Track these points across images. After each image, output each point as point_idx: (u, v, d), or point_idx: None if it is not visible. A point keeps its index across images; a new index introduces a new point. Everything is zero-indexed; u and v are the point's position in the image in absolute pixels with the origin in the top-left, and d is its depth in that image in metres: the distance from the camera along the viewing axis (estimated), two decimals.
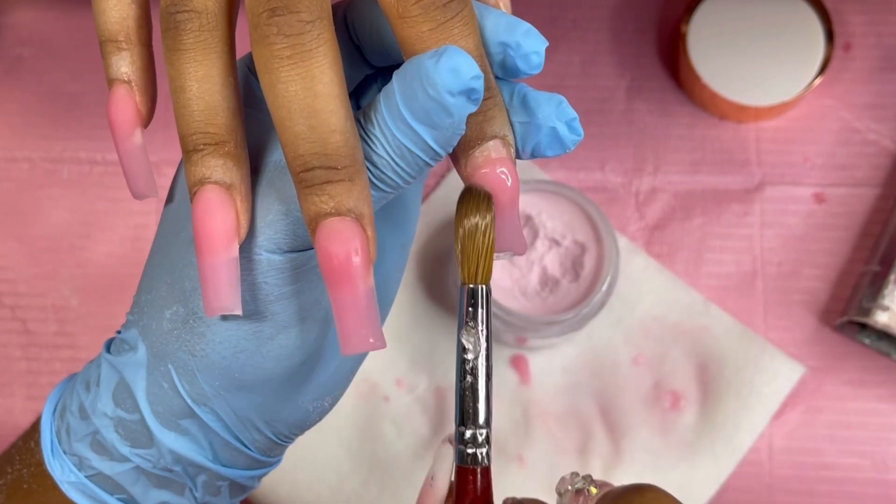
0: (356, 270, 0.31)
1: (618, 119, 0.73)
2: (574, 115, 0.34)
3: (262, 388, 0.36)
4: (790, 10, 0.71)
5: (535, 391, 0.69)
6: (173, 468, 0.37)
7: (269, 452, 0.39)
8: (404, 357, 0.69)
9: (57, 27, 0.76)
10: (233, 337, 0.34)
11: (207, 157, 0.33)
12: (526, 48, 0.33)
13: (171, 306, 0.35)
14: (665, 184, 0.72)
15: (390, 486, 0.67)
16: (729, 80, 0.70)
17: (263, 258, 0.33)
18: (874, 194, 0.71)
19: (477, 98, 0.31)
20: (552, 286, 0.65)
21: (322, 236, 0.31)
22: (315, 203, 0.31)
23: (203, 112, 0.32)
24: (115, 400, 0.37)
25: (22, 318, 0.72)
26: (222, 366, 0.35)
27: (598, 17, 0.75)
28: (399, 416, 0.68)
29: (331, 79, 0.31)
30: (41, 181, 0.73)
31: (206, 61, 0.32)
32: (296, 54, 0.30)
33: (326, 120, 0.31)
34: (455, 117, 0.31)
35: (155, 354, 0.36)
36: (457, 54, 0.30)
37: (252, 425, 0.37)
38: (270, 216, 0.33)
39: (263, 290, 0.34)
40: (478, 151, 0.33)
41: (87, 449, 0.37)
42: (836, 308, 0.70)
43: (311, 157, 0.31)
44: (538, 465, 0.67)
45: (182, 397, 0.36)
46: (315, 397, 0.38)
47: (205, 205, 0.32)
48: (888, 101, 0.73)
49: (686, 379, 0.68)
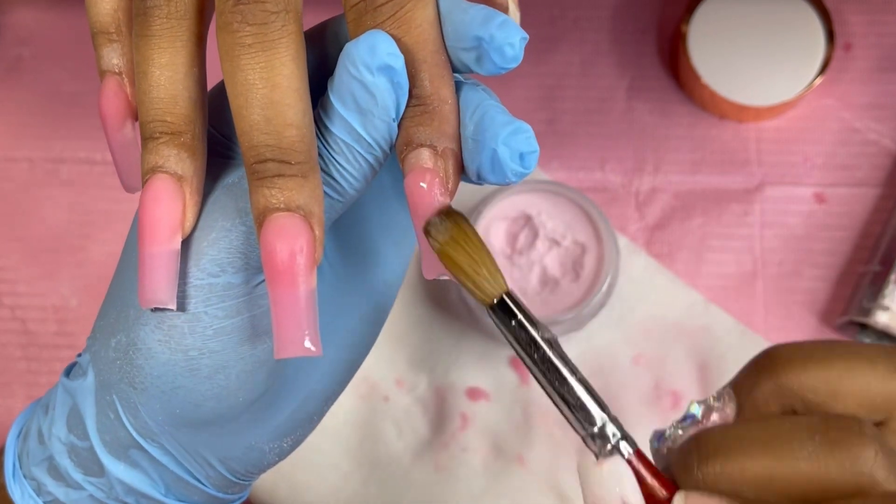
0: (299, 269, 0.30)
1: (618, 119, 0.73)
2: (531, 149, 0.32)
3: (208, 427, 0.35)
4: (790, 10, 0.71)
5: (535, 391, 0.69)
6: (125, 499, 0.36)
7: (227, 490, 0.37)
8: (404, 357, 0.69)
9: (57, 27, 0.76)
10: (169, 373, 0.33)
11: (162, 145, 0.32)
12: (500, 40, 0.31)
13: (117, 335, 0.34)
14: (665, 184, 0.72)
15: (390, 486, 0.67)
16: (729, 80, 0.70)
17: (206, 283, 0.32)
18: (874, 194, 0.71)
19: (398, 82, 0.31)
20: (552, 286, 0.65)
21: (268, 230, 0.30)
22: (265, 195, 0.30)
23: (162, 100, 0.32)
24: (69, 425, 0.36)
25: (22, 318, 0.72)
26: (162, 400, 0.34)
27: (598, 17, 0.75)
28: (399, 416, 0.68)
29: (292, 72, 0.30)
30: (41, 181, 0.73)
31: (171, 49, 0.32)
32: (258, 43, 0.30)
33: (283, 113, 0.30)
34: (378, 100, 0.31)
35: (102, 383, 0.35)
36: (376, 34, 0.30)
37: (204, 461, 0.36)
38: (213, 234, 0.32)
39: (203, 321, 0.33)
40: (406, 156, 0.32)
41: (45, 474, 0.37)
42: (836, 308, 0.70)
43: (265, 149, 0.30)
44: (538, 465, 0.67)
45: (127, 430, 0.35)
46: (271, 439, 0.37)
47: (153, 193, 0.32)
48: (888, 101, 0.73)
49: (686, 379, 0.68)
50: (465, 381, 0.69)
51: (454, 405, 0.68)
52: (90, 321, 0.71)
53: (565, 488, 0.67)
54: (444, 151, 0.32)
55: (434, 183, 0.32)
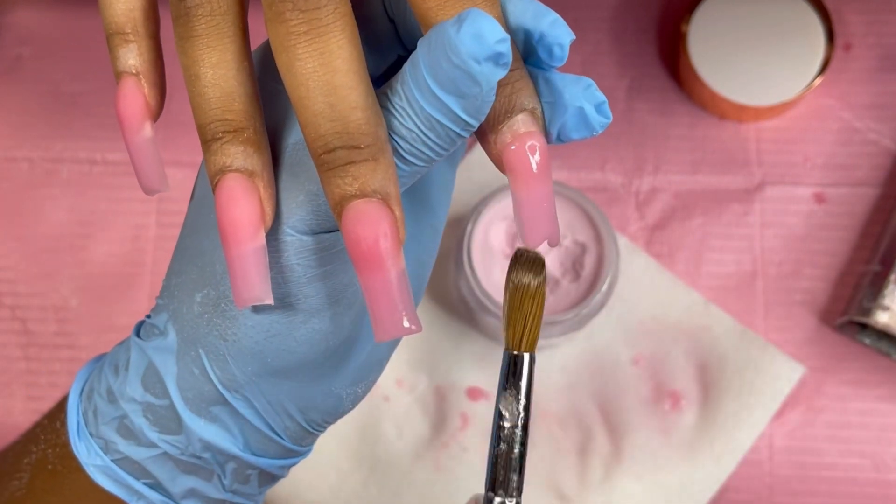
0: (386, 253, 0.30)
1: (618, 119, 0.73)
2: (603, 99, 0.32)
3: (296, 374, 0.35)
4: (790, 10, 0.71)
5: (535, 391, 0.69)
6: (202, 455, 0.36)
7: (301, 441, 0.38)
8: (404, 357, 0.69)
9: (57, 27, 0.76)
10: (265, 321, 0.34)
11: (227, 144, 0.32)
12: (550, 39, 0.32)
13: (202, 289, 0.34)
14: (665, 184, 0.72)
15: (390, 486, 0.67)
16: (729, 80, 0.70)
17: (294, 240, 0.32)
18: (874, 194, 0.71)
19: (506, 63, 0.29)
20: (552, 286, 0.65)
21: (348, 220, 0.30)
22: (339, 185, 0.30)
23: (220, 99, 0.32)
24: (145, 385, 0.36)
25: (22, 318, 0.72)
26: (255, 350, 0.34)
27: (598, 17, 0.75)
28: (399, 416, 0.68)
29: (350, 54, 0.30)
30: (41, 181, 0.73)
31: (220, 46, 0.32)
32: (312, 30, 0.29)
33: (346, 96, 0.30)
34: (483, 85, 0.29)
35: (185, 339, 0.35)
36: (480, 18, 0.28)
37: (285, 412, 0.36)
38: (301, 197, 0.32)
39: (295, 272, 0.33)
40: (506, 127, 0.32)
41: (114, 433, 0.37)
42: (836, 308, 0.70)
43: (333, 137, 0.30)
44: (538, 466, 0.67)
45: (213, 384, 0.35)
46: (348, 384, 0.37)
47: (228, 194, 0.32)
48: (888, 101, 0.73)
49: (686, 379, 0.68)
50: (465, 380, 0.69)
51: (454, 405, 0.68)
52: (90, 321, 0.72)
53: (565, 488, 0.67)
54: (540, 114, 0.32)
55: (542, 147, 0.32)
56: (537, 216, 0.32)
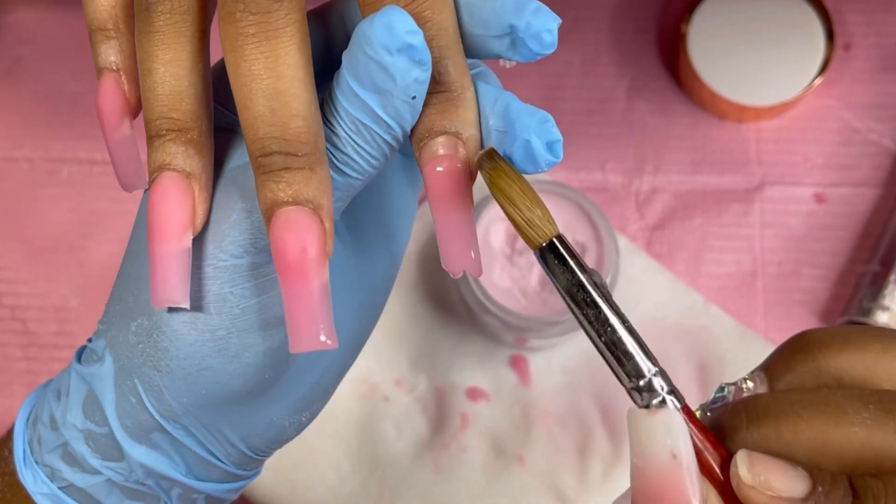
0: (310, 263, 0.30)
1: (618, 119, 0.73)
2: (557, 138, 0.32)
3: (233, 406, 0.35)
4: (790, 10, 0.71)
5: (536, 391, 0.69)
6: (146, 482, 0.36)
7: (246, 466, 0.37)
8: (404, 357, 0.69)
9: (57, 27, 0.76)
10: (197, 353, 0.33)
11: (169, 143, 0.32)
12: (537, 27, 0.31)
13: (137, 318, 0.34)
14: (665, 184, 0.72)
15: (390, 486, 0.67)
16: (729, 80, 0.70)
17: (229, 264, 0.32)
18: (875, 194, 0.71)
19: (421, 60, 0.29)
20: (552, 286, 0.65)
21: (277, 225, 0.30)
22: (272, 190, 0.30)
23: (168, 97, 0.32)
24: (85, 412, 0.35)
25: (22, 318, 0.72)
26: (188, 382, 0.33)
27: (598, 17, 0.75)
28: (399, 417, 0.68)
29: (296, 61, 0.30)
30: (41, 181, 0.73)
31: (175, 45, 0.32)
32: (261, 33, 0.29)
33: (288, 102, 0.29)
34: (398, 80, 0.30)
35: (122, 368, 0.34)
36: (393, 11, 0.29)
37: (225, 440, 0.36)
38: (234, 216, 0.32)
39: (228, 302, 0.32)
40: (426, 145, 0.32)
41: (59, 461, 0.36)
42: (836, 308, 0.70)
43: (271, 141, 0.30)
44: (538, 465, 0.67)
45: (150, 413, 0.34)
46: (291, 413, 0.37)
47: (161, 191, 0.32)
48: (889, 101, 0.73)
49: (686, 379, 0.68)
50: (464, 381, 0.69)
51: (454, 405, 0.68)
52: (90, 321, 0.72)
53: (565, 488, 0.67)
54: (469, 139, 0.32)
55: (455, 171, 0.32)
56: (450, 242, 0.32)
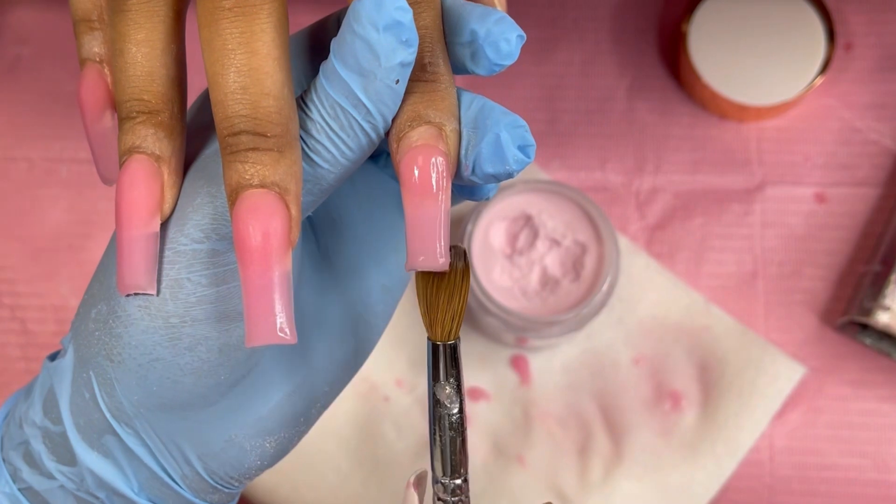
0: (272, 250, 0.29)
1: (618, 119, 0.73)
2: (530, 143, 0.31)
3: (186, 410, 0.33)
4: (791, 10, 0.71)
5: (536, 391, 0.68)
6: (97, 494, 0.34)
7: (205, 496, 0.35)
8: (404, 357, 0.69)
9: (57, 27, 0.76)
10: (148, 341, 0.32)
11: (139, 125, 0.31)
12: (495, 35, 0.31)
13: (98, 304, 0.33)
14: (666, 183, 0.72)
15: (390, 487, 0.67)
16: (729, 80, 0.70)
17: (189, 249, 0.31)
18: (875, 194, 0.71)
19: (408, 40, 0.29)
20: (552, 286, 0.65)
21: (240, 208, 0.29)
22: (238, 171, 0.29)
23: (139, 77, 0.31)
24: (45, 409, 0.35)
25: (21, 318, 0.72)
26: (139, 375, 0.32)
27: (598, 17, 0.75)
28: (399, 417, 0.68)
29: (272, 39, 0.29)
30: (40, 181, 0.73)
31: (148, 25, 0.31)
32: (238, 7, 0.29)
33: (261, 80, 0.29)
34: (382, 60, 0.29)
35: (80, 359, 0.33)
36: None
37: (180, 455, 0.34)
38: (198, 199, 0.31)
39: (184, 289, 0.31)
40: (411, 133, 0.31)
41: (20, 460, 0.35)
42: (837, 308, 0.70)
43: (240, 120, 0.29)
44: (538, 466, 0.67)
45: (102, 411, 0.33)
46: (252, 434, 0.35)
47: (130, 175, 0.31)
48: (889, 101, 0.72)
49: (687, 379, 0.68)
50: (465, 381, 0.68)
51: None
52: None
53: (565, 488, 0.67)
54: (452, 133, 0.31)
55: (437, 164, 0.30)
56: (419, 237, 0.31)
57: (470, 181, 0.32)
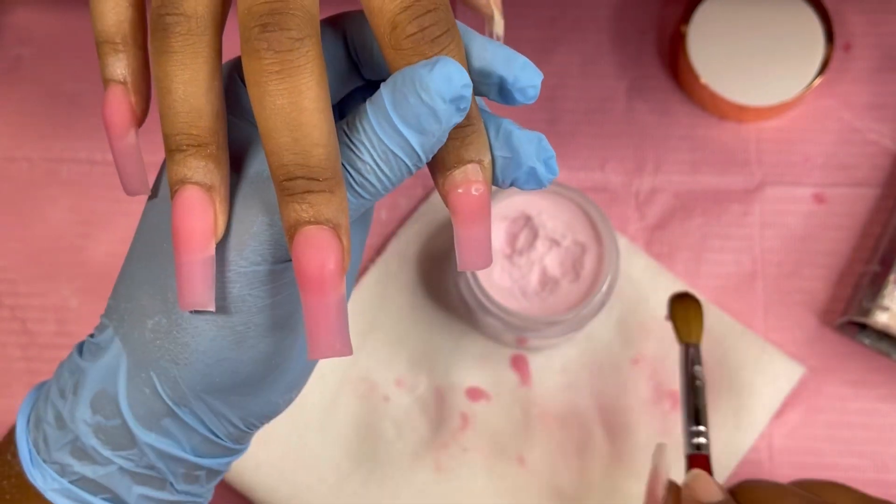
0: (330, 279, 0.33)
1: (618, 119, 0.73)
2: (552, 154, 0.36)
3: (240, 389, 0.37)
4: (790, 11, 0.71)
5: (536, 391, 0.69)
6: (156, 465, 0.38)
7: (241, 441, 0.40)
8: (404, 357, 0.69)
9: (57, 27, 0.76)
10: (216, 347, 0.36)
11: (189, 157, 0.34)
12: (524, 82, 0.35)
13: (154, 317, 0.36)
14: (665, 184, 0.72)
15: (390, 487, 0.67)
16: (729, 81, 0.70)
17: (249, 270, 0.35)
18: (874, 194, 0.71)
19: (465, 108, 0.33)
20: (552, 286, 0.65)
21: (299, 243, 0.32)
22: (295, 210, 0.32)
23: (187, 114, 0.34)
24: (94, 407, 0.37)
25: (22, 318, 0.72)
26: (204, 372, 0.36)
27: (598, 17, 0.75)
28: (399, 417, 0.68)
29: (317, 94, 0.32)
30: (41, 181, 0.73)
31: (193, 65, 0.34)
32: (284, 70, 0.31)
33: (310, 133, 0.32)
34: (443, 123, 0.33)
35: (136, 362, 0.37)
36: (451, 63, 0.32)
37: (227, 420, 0.38)
38: (255, 228, 0.35)
39: (247, 302, 0.35)
40: (456, 172, 0.35)
41: (69, 456, 0.38)
42: (836, 308, 0.70)
43: (294, 168, 0.32)
44: (538, 466, 0.67)
45: (164, 401, 0.37)
46: (284, 391, 0.39)
47: (185, 204, 0.34)
48: (888, 101, 0.73)
49: None
50: (465, 381, 0.69)
51: (454, 405, 0.68)
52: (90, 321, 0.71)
53: (565, 488, 0.67)
54: (488, 164, 0.35)
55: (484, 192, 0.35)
56: (473, 252, 0.36)
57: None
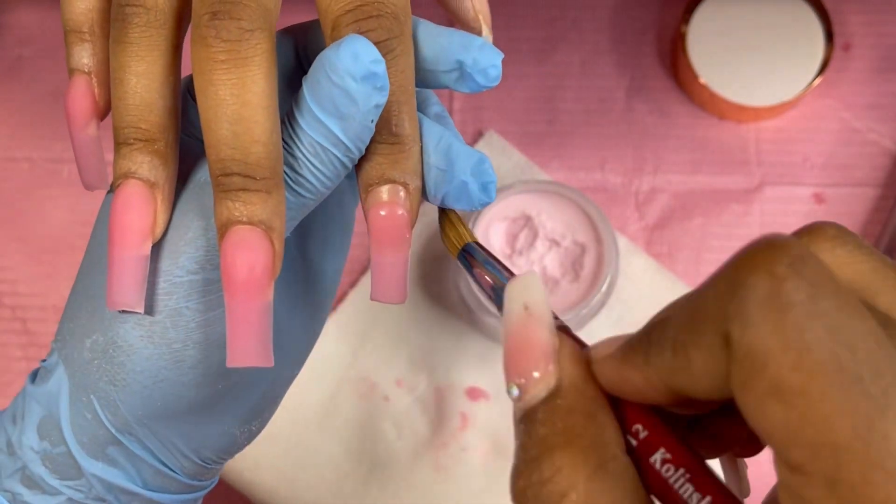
0: (256, 282, 0.31)
1: (618, 119, 0.73)
2: (492, 179, 0.35)
3: (186, 416, 0.35)
4: (790, 11, 0.71)
5: None
6: (105, 497, 0.36)
7: (200, 476, 0.38)
8: (404, 357, 0.69)
9: (57, 27, 0.76)
10: (153, 367, 0.34)
11: (136, 152, 0.33)
12: (483, 63, 0.34)
13: (91, 335, 0.35)
14: (665, 184, 0.72)
15: (390, 487, 0.67)
16: (728, 81, 0.70)
17: (185, 280, 0.33)
18: (874, 194, 0.71)
19: (381, 86, 0.31)
20: (552, 287, 0.65)
21: (229, 242, 0.31)
22: (228, 208, 0.31)
23: (138, 107, 0.33)
24: (40, 433, 0.36)
25: (22, 318, 0.72)
26: (143, 395, 0.34)
27: (597, 17, 0.75)
28: (399, 416, 0.68)
29: (262, 89, 0.31)
30: (41, 181, 0.73)
31: (148, 57, 0.33)
32: (231, 59, 0.30)
33: (251, 129, 0.31)
34: (360, 106, 0.31)
35: (77, 385, 0.35)
36: (357, 40, 0.31)
37: (179, 452, 0.37)
38: (190, 233, 0.33)
39: (184, 316, 0.33)
40: (380, 189, 0.34)
41: (19, 485, 0.37)
42: None
43: (232, 163, 0.31)
44: None
45: (106, 427, 0.35)
46: (241, 423, 0.38)
47: (125, 199, 0.33)
48: (888, 102, 0.73)
49: None
50: (464, 380, 0.69)
51: (454, 405, 0.68)
52: None
53: None
54: (414, 190, 0.34)
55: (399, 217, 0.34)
56: (386, 281, 0.35)
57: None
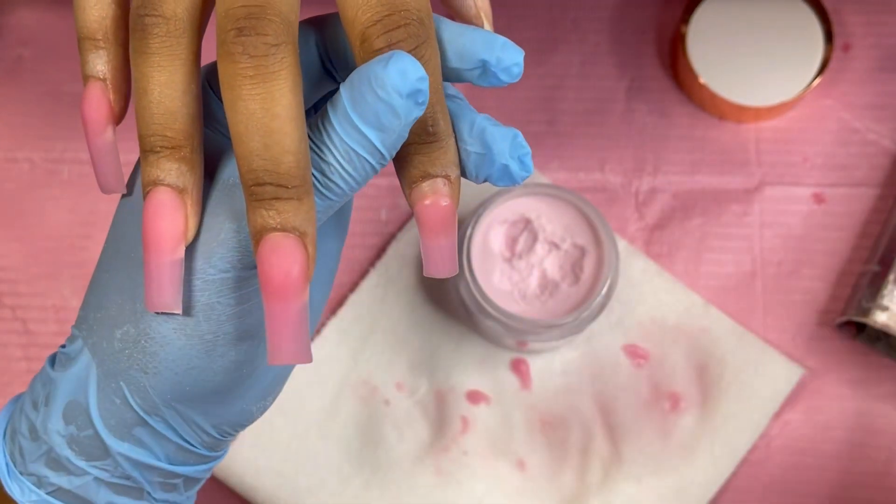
0: (293, 286, 0.33)
1: (617, 119, 0.73)
2: (527, 150, 0.36)
3: (211, 398, 0.37)
4: (789, 11, 0.71)
5: (536, 394, 0.69)
6: (131, 474, 0.38)
7: (215, 448, 0.40)
8: (404, 360, 0.69)
9: (57, 27, 0.76)
10: (185, 356, 0.36)
11: (163, 159, 0.34)
12: (507, 61, 0.35)
13: (122, 326, 0.36)
14: (665, 184, 0.72)
15: (391, 490, 0.67)
16: (728, 81, 0.70)
17: (217, 278, 0.35)
18: (874, 194, 0.71)
19: (423, 102, 0.33)
20: (552, 289, 0.65)
21: (265, 249, 0.32)
22: (262, 216, 0.32)
23: (162, 116, 0.34)
24: (66, 418, 0.37)
25: (22, 318, 0.72)
26: (174, 381, 0.36)
27: (597, 17, 0.75)
28: (399, 420, 0.68)
29: (290, 101, 0.32)
30: (42, 181, 0.73)
31: (170, 67, 0.34)
32: (258, 75, 0.32)
33: (281, 141, 0.32)
34: (402, 119, 0.33)
35: (106, 372, 0.37)
36: (405, 58, 0.32)
37: (200, 429, 0.38)
38: (223, 235, 0.35)
39: (216, 310, 0.35)
40: (423, 185, 0.35)
41: (44, 467, 0.38)
42: (835, 308, 0.70)
43: (264, 174, 0.32)
44: (539, 468, 0.68)
45: (134, 410, 0.37)
46: (257, 399, 0.39)
47: (156, 206, 0.34)
48: (888, 102, 0.73)
49: (686, 381, 0.69)
50: (465, 384, 0.69)
51: (455, 408, 0.68)
52: None
53: (566, 492, 0.67)
54: (455, 179, 0.36)
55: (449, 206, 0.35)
56: (437, 261, 0.36)
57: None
